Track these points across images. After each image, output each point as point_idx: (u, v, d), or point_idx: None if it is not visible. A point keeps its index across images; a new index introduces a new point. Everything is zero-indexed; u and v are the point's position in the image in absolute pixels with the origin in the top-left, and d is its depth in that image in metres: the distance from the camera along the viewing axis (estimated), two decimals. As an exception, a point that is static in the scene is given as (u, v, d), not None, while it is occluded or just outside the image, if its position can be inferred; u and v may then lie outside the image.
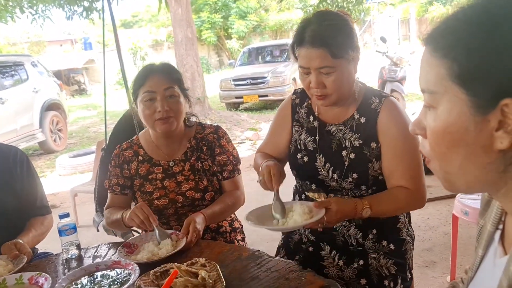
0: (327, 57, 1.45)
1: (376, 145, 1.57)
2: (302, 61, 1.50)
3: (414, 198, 1.55)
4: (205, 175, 1.85)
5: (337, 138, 1.62)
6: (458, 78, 0.65)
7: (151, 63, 1.88)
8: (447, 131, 0.68)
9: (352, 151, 1.59)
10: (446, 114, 0.67)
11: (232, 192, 1.89)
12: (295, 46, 1.53)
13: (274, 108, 10.68)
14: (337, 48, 1.45)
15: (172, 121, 1.77)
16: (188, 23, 9.54)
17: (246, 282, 1.35)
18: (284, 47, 12.45)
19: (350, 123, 1.61)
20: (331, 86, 1.49)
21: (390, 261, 1.59)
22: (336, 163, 1.61)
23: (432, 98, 0.69)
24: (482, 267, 0.81)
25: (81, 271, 1.40)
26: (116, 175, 1.88)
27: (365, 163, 1.57)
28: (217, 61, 23.44)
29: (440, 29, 0.69)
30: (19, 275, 1.38)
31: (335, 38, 1.45)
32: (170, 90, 1.76)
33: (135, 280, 1.32)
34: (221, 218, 1.89)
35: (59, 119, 8.70)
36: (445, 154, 0.70)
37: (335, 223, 1.52)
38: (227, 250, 1.57)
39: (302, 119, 1.72)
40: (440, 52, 0.67)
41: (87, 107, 15.01)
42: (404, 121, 1.56)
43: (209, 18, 21.78)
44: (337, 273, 1.58)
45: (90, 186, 4.09)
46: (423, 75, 0.71)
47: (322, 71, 1.47)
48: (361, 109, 1.61)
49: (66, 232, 1.64)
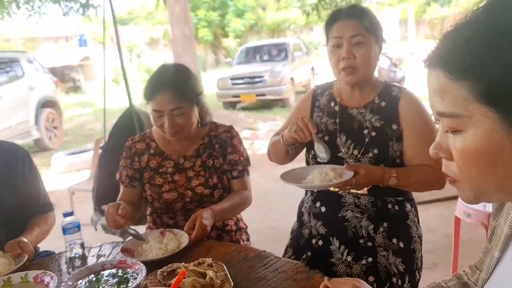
0: (361, 28, 1.58)
1: (397, 127, 1.63)
2: (335, 32, 1.61)
3: (437, 176, 1.58)
4: (215, 173, 1.85)
5: (358, 119, 1.68)
6: (484, 97, 0.62)
7: (163, 70, 1.81)
8: (481, 152, 0.65)
9: (373, 130, 1.65)
10: (476, 136, 0.65)
11: (241, 191, 1.89)
12: (328, 26, 1.65)
13: (272, 107, 10.68)
14: (369, 23, 1.59)
15: (181, 133, 1.77)
16: (186, 21, 9.50)
17: (253, 282, 1.34)
18: (282, 46, 12.45)
19: (370, 106, 1.68)
20: (360, 58, 1.59)
21: (398, 259, 1.61)
22: (357, 140, 1.67)
23: (456, 122, 0.66)
24: (498, 269, 0.80)
25: (86, 270, 1.38)
26: (126, 166, 1.89)
27: (386, 141, 1.63)
28: (213, 60, 23.37)
29: (449, 49, 0.66)
30: (24, 273, 1.36)
31: (368, 16, 1.60)
32: (178, 110, 1.73)
33: (142, 279, 1.30)
34: (229, 216, 1.89)
35: (54, 117, 8.63)
36: (480, 176, 0.67)
37: (362, 187, 1.57)
38: (233, 250, 1.56)
39: (323, 106, 1.78)
40: (458, 74, 0.64)
41: (83, 104, 14.91)
42: (423, 107, 1.64)
43: (206, 16, 21.71)
44: (345, 270, 1.59)
45: (88, 185, 4.05)
46: (438, 99, 0.68)
47: (354, 40, 1.58)
48: (381, 95, 1.68)
49: (70, 230, 1.62)
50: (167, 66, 1.86)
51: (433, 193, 3.87)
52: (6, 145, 1.85)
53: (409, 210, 1.70)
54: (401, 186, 1.58)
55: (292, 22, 23.26)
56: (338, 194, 1.68)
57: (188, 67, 1.90)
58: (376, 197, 1.65)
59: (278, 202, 4.44)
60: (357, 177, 1.48)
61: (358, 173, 1.48)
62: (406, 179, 1.56)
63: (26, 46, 22.02)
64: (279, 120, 9.24)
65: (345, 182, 1.48)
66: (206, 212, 1.68)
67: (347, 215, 1.66)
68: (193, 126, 1.81)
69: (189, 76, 1.81)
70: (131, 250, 1.58)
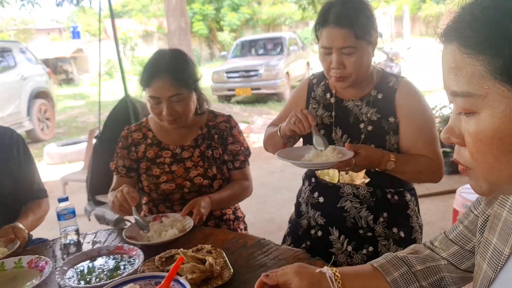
0: (350, 37, 1.48)
1: (394, 119, 1.59)
2: (324, 41, 1.53)
3: (434, 168, 1.56)
4: (214, 163, 1.81)
5: (354, 112, 1.64)
6: (502, 74, 0.57)
7: (160, 55, 1.75)
8: (496, 137, 0.60)
9: (369, 123, 1.61)
10: (493, 118, 0.60)
11: (241, 181, 1.87)
12: (317, 27, 1.56)
13: (267, 101, 10.65)
14: (360, 29, 1.48)
15: (179, 121, 1.73)
16: (182, 13, 9.43)
17: (253, 269, 1.31)
18: (277, 40, 12.42)
19: (367, 98, 1.64)
20: (351, 67, 1.51)
21: (399, 249, 1.58)
22: (353, 135, 1.63)
23: (470, 102, 0.61)
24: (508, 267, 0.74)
25: (82, 256, 1.35)
26: (123, 156, 1.84)
27: (382, 135, 1.59)
28: (208, 54, 23.27)
29: (467, 22, 0.61)
30: (18, 258, 1.33)
31: (358, 20, 1.49)
32: (177, 97, 1.68)
33: (139, 265, 1.27)
34: (228, 205, 1.86)
35: (47, 108, 8.54)
36: (493, 163, 0.62)
37: (361, 168, 1.53)
38: (232, 237, 1.53)
39: (318, 97, 1.74)
40: (474, 48, 0.59)
41: (75, 96, 14.79)
42: (421, 97, 1.60)
43: (201, 9, 21.57)
44: (346, 260, 1.58)
45: (81, 175, 4.01)
46: (452, 77, 0.63)
47: (344, 51, 1.50)
48: (378, 87, 1.64)
49: (65, 216, 1.58)
50: (163, 51, 1.81)
51: (429, 187, 3.89)
52: (0, 129, 1.81)
53: (409, 199, 1.68)
54: (398, 172, 1.54)
55: (287, 16, 23.19)
56: (337, 185, 1.65)
57: (185, 52, 1.86)
58: (375, 187, 1.63)
59: (273, 195, 4.43)
60: (357, 158, 1.44)
61: (358, 153, 1.44)
62: (403, 165, 1.52)
63: (19, 37, 21.81)
64: (274, 114, 9.21)
65: (345, 162, 1.43)
66: (204, 201, 1.65)
67: (346, 206, 1.63)
68: (191, 113, 1.77)
69: (187, 62, 1.76)
70: (133, 236, 1.54)
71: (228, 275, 1.23)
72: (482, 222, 0.85)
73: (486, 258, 0.80)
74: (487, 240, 0.81)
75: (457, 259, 0.97)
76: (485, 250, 0.81)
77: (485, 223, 0.84)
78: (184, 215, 1.61)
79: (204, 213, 1.62)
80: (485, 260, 0.80)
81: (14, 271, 1.31)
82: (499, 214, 0.79)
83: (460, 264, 0.97)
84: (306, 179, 1.79)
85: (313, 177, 1.73)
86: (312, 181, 1.74)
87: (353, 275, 0.95)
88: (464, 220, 0.95)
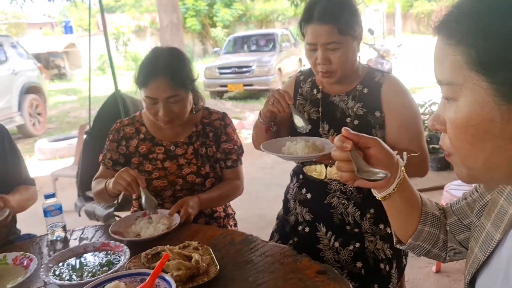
0: (334, 33, 1.50)
1: (380, 114, 1.60)
2: (309, 37, 1.55)
3: (420, 162, 1.57)
4: (208, 161, 1.81)
5: (341, 107, 1.65)
6: (477, 65, 0.60)
7: (157, 54, 1.71)
8: (470, 124, 0.63)
9: (355, 118, 1.62)
10: (467, 106, 0.63)
11: (232, 181, 1.86)
12: (303, 24, 1.58)
13: (259, 97, 10.64)
14: (344, 25, 1.50)
15: (175, 121, 1.72)
16: (174, 8, 9.38)
17: (240, 266, 1.32)
18: (270, 36, 12.40)
19: (353, 93, 1.65)
20: (337, 62, 1.53)
21: (386, 245, 1.60)
22: (340, 129, 1.59)
23: (451, 90, 0.65)
24: (498, 252, 0.76)
25: (68, 252, 1.34)
26: (111, 149, 1.82)
27: (369, 129, 1.60)
28: (201, 50, 23.17)
29: (453, 15, 0.64)
30: (2, 255, 1.32)
31: (342, 15, 1.50)
32: (174, 98, 1.66)
33: (125, 262, 1.27)
34: (217, 205, 1.86)
35: (38, 103, 8.48)
36: (468, 149, 0.65)
37: None
38: (219, 234, 1.53)
39: (305, 93, 1.75)
40: (455, 39, 0.63)
41: (67, 92, 14.68)
42: (406, 93, 1.62)
43: (194, 5, 21.47)
44: (333, 256, 1.58)
45: (71, 170, 3.99)
46: (438, 66, 0.67)
47: (329, 47, 1.52)
48: (364, 81, 1.65)
49: (52, 213, 1.57)
50: (160, 50, 1.76)
51: (418, 183, 3.91)
52: None
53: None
54: None
55: (280, 13, 23.14)
56: (324, 181, 1.66)
57: (182, 50, 1.84)
58: None
59: (265, 191, 4.44)
60: None
61: None
62: None
63: (10, 32, 21.59)
64: (267, 110, 9.21)
65: (329, 155, 1.44)
66: (192, 200, 1.65)
67: (333, 202, 1.64)
68: (186, 113, 1.75)
69: (184, 62, 1.74)
70: (120, 232, 1.54)
71: (214, 272, 1.24)
72: (480, 207, 0.88)
73: (478, 242, 0.82)
74: (482, 225, 0.83)
75: (454, 229, 1.01)
76: (478, 235, 0.83)
77: (483, 208, 0.87)
78: (172, 214, 1.60)
79: (192, 213, 1.61)
80: (477, 244, 0.82)
81: (-1, 268, 1.30)
82: (497, 201, 0.81)
83: (457, 234, 1.01)
84: (294, 175, 1.79)
85: (301, 174, 1.74)
86: (300, 178, 1.75)
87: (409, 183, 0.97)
88: (468, 197, 0.99)
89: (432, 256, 1.04)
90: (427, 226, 0.99)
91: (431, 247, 1.01)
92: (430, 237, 1.00)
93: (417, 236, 0.99)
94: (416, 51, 15.79)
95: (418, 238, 1.00)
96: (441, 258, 1.05)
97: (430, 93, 7.08)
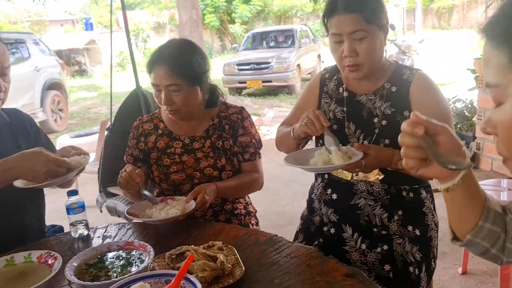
0: (360, 21, 1.45)
1: (409, 113, 1.54)
2: (334, 28, 1.50)
3: None
4: (224, 154, 1.79)
5: (367, 107, 1.61)
6: None
7: (167, 44, 1.75)
8: None
9: (383, 118, 1.57)
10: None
11: (250, 173, 1.84)
12: (326, 17, 1.53)
13: (278, 94, 10.60)
14: (370, 13, 1.46)
15: (179, 112, 1.73)
16: (193, 5, 9.39)
17: (265, 267, 1.28)
18: (289, 32, 12.34)
19: (380, 92, 1.60)
20: (364, 53, 1.48)
21: (415, 248, 1.55)
22: (367, 129, 1.59)
23: (497, 92, 0.65)
24: None
25: (92, 251, 1.33)
26: (132, 146, 1.86)
27: (397, 130, 1.52)
28: (219, 46, 23.21)
29: (497, 17, 0.65)
30: (27, 253, 1.31)
31: (368, 3, 1.46)
32: (174, 87, 1.67)
33: (149, 262, 1.25)
34: (234, 195, 1.84)
35: (60, 99, 8.60)
36: None
37: (372, 169, 1.51)
38: (243, 234, 1.51)
39: (331, 91, 1.71)
40: (497, 40, 0.63)
41: (88, 88, 14.88)
42: (436, 91, 1.56)
43: (212, 1, 21.50)
44: (360, 258, 1.54)
45: (93, 166, 4.01)
46: (486, 69, 0.67)
47: (355, 36, 1.47)
48: (392, 79, 1.60)
49: (74, 210, 1.57)
50: (172, 41, 1.80)
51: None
52: (11, 111, 1.80)
53: (425, 197, 1.64)
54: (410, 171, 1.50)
55: (299, 9, 23.02)
56: (350, 181, 1.62)
57: (196, 44, 1.83)
58: (389, 184, 1.59)
59: (284, 188, 4.40)
60: (367, 159, 1.41)
61: (368, 154, 1.41)
62: None
63: (33, 29, 21.97)
64: (285, 106, 9.17)
65: (354, 164, 1.40)
66: (209, 188, 1.65)
67: (360, 203, 1.60)
68: (192, 107, 1.74)
69: (191, 53, 1.72)
70: (135, 214, 1.59)
71: (239, 273, 1.21)
72: None
73: None
74: None
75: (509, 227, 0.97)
76: None
77: None
78: (188, 201, 1.61)
79: (208, 200, 1.61)
80: None
81: (23, 266, 1.30)
82: None
83: None
84: (319, 175, 1.75)
85: (326, 174, 1.70)
86: (325, 178, 1.71)
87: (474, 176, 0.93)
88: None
89: (489, 257, 0.98)
90: (489, 223, 0.93)
91: (490, 247, 0.95)
92: (491, 235, 0.94)
93: (476, 233, 0.93)
94: (437, 47, 15.52)
95: (477, 235, 0.94)
96: (498, 260, 0.98)
97: (453, 90, 6.93)
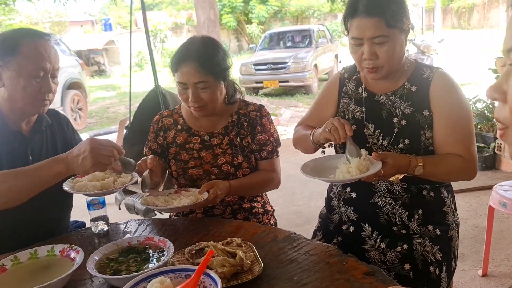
0: (381, 26, 1.43)
1: (429, 113, 1.53)
2: (355, 31, 1.47)
3: (466, 167, 1.50)
4: (241, 151, 1.80)
5: (387, 107, 1.59)
6: None
7: (191, 41, 1.75)
8: None
9: (403, 117, 1.55)
10: None
11: (266, 171, 1.84)
12: (347, 18, 1.50)
13: (294, 94, 10.58)
14: (391, 17, 1.43)
15: (205, 108, 1.73)
16: (211, 5, 9.45)
17: (284, 264, 1.29)
18: (306, 33, 12.30)
19: (400, 92, 1.58)
20: (384, 57, 1.46)
21: (436, 247, 1.53)
22: (386, 129, 1.58)
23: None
24: None
25: (113, 246, 1.35)
26: (151, 140, 1.89)
27: (417, 129, 1.53)
28: (236, 46, 23.27)
29: None
30: (50, 247, 1.34)
31: (389, 7, 1.43)
32: (202, 84, 1.67)
33: (169, 257, 1.27)
34: (248, 193, 1.84)
35: (80, 98, 8.73)
36: None
37: (390, 177, 1.48)
38: (261, 231, 1.51)
39: (350, 91, 1.69)
40: None
41: (107, 87, 15.07)
42: (457, 90, 1.54)
43: (229, 2, 21.58)
44: (379, 257, 1.53)
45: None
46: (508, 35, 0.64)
47: (376, 41, 1.45)
48: (412, 79, 1.58)
49: (95, 206, 1.60)
50: (195, 38, 1.80)
51: (462, 183, 3.78)
52: (52, 112, 1.81)
53: (446, 196, 1.62)
54: (427, 176, 1.48)
55: (316, 9, 22.94)
56: None
57: (217, 40, 1.84)
58: (410, 183, 1.57)
59: (301, 187, 4.39)
60: (385, 168, 1.39)
61: (386, 162, 1.39)
62: (433, 169, 1.46)
63: (53, 30, 22.33)
64: (302, 106, 9.14)
65: (373, 175, 1.38)
66: (223, 184, 1.67)
67: (379, 202, 1.58)
68: (218, 102, 1.75)
69: (216, 49, 1.74)
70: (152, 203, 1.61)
71: (258, 270, 1.21)
72: None
73: None
74: None
75: None
76: None
77: None
78: (201, 193, 1.64)
79: (220, 195, 1.64)
80: None
81: (46, 259, 1.32)
82: None
83: None
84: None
85: None
86: None
87: None
88: None
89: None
90: None
91: None
92: None
93: None
94: (457, 47, 15.30)
95: None
96: None
97: (473, 90, 6.82)
